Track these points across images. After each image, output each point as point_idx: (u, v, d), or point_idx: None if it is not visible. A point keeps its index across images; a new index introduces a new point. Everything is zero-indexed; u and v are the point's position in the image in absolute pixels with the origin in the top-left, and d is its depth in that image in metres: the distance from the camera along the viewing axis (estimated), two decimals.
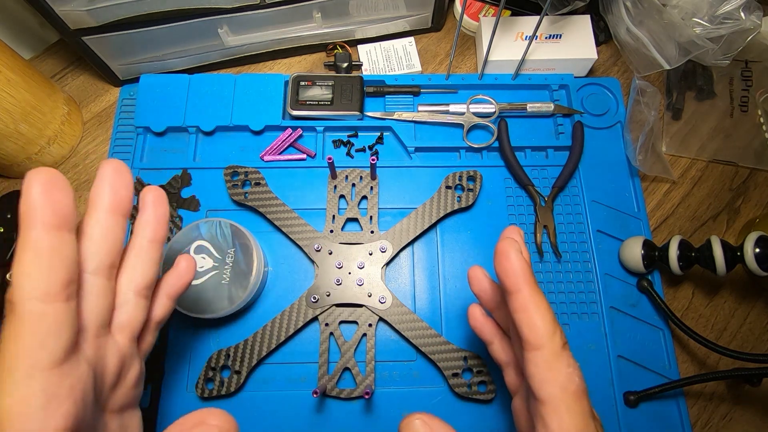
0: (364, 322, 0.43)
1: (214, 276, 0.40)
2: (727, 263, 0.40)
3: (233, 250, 0.41)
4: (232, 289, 0.40)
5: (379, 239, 0.45)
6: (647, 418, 0.42)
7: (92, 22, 0.45)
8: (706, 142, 0.52)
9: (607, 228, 0.47)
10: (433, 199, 0.46)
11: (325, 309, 0.43)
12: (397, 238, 0.45)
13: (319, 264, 0.44)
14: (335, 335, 0.42)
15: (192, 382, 0.42)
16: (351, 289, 0.43)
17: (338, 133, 0.51)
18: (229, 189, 0.46)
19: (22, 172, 0.50)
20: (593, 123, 0.51)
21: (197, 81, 0.51)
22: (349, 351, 0.42)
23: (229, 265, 0.40)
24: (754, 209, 0.50)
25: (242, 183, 0.46)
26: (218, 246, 0.41)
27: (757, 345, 0.46)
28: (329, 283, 0.43)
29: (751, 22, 0.44)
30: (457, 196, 0.46)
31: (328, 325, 0.42)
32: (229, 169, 0.47)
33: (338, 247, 0.45)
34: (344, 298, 0.43)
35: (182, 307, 0.39)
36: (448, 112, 0.51)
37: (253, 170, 0.47)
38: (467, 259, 0.46)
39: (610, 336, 0.44)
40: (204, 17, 0.47)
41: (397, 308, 0.43)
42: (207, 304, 0.39)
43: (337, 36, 0.54)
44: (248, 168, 0.47)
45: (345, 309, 0.43)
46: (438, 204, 0.46)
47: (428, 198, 0.47)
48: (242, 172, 0.47)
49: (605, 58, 0.57)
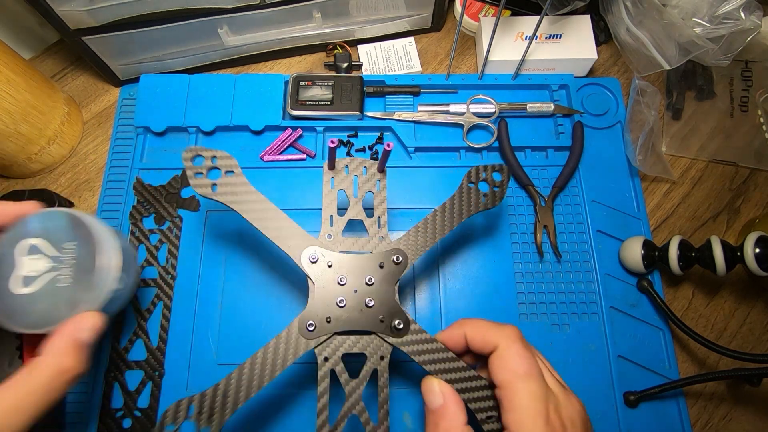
0: (374, 354, 0.34)
1: (51, 279, 0.32)
2: (727, 263, 0.40)
3: (74, 245, 0.32)
4: (74, 292, 0.31)
5: (391, 247, 0.36)
6: (647, 418, 0.42)
7: (92, 22, 0.45)
8: (706, 142, 0.52)
9: (607, 228, 0.47)
10: (454, 199, 0.38)
11: (324, 339, 0.33)
12: (413, 244, 0.36)
13: (315, 280, 0.35)
14: (337, 372, 0.33)
15: (192, 381, 0.42)
16: (357, 312, 0.34)
17: (338, 133, 0.51)
18: (190, 179, 0.36)
19: (22, 172, 0.50)
20: (593, 123, 0.51)
21: (197, 81, 0.51)
22: (356, 392, 0.33)
23: (69, 263, 0.32)
24: (754, 209, 0.50)
25: (208, 171, 0.36)
26: (54, 242, 0.32)
27: (757, 345, 0.46)
28: (329, 305, 0.34)
29: (751, 22, 0.44)
30: (482, 194, 0.38)
31: (328, 360, 0.33)
32: (190, 152, 0.36)
33: (340, 258, 0.35)
34: (349, 325, 0.34)
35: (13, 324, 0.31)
36: (448, 112, 0.51)
37: (224, 154, 0.36)
38: (467, 259, 0.46)
39: (610, 336, 0.44)
40: (204, 17, 0.47)
41: (417, 336, 0.33)
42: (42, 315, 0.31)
43: (337, 36, 0.54)
44: (217, 151, 0.36)
45: (349, 337, 0.34)
46: (461, 204, 0.38)
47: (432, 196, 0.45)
48: (209, 157, 0.36)
49: (605, 58, 0.57)
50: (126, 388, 0.41)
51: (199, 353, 0.43)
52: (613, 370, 0.43)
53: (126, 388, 0.41)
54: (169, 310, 0.44)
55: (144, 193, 0.48)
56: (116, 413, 0.41)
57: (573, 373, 0.42)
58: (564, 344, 0.44)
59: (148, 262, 0.45)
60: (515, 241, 0.47)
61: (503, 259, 0.46)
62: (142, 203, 0.48)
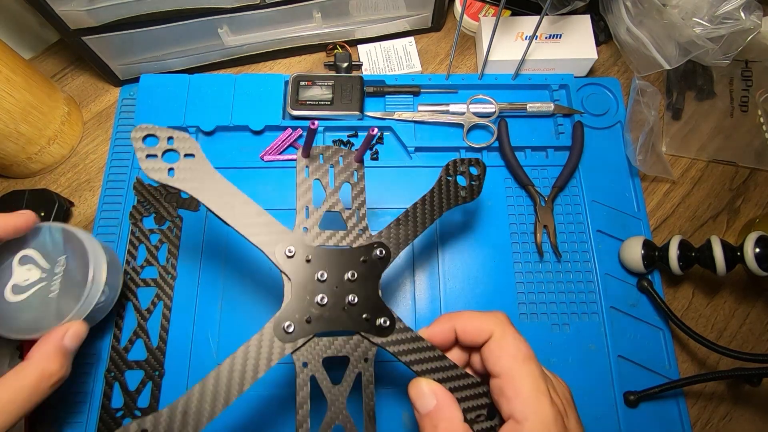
0: (358, 356, 0.31)
1: (41, 289, 0.34)
2: (727, 263, 0.40)
3: (64, 258, 0.35)
4: (61, 303, 0.34)
5: (373, 240, 0.34)
6: (647, 418, 0.42)
7: (92, 22, 0.45)
8: (706, 142, 0.52)
9: (607, 228, 0.47)
10: (433, 192, 0.37)
11: (302, 343, 0.30)
12: (394, 237, 0.34)
13: (292, 276, 0.31)
14: (318, 379, 0.30)
15: (192, 381, 0.42)
16: (339, 310, 0.31)
17: (338, 133, 0.51)
18: (141, 161, 0.31)
19: (22, 172, 0.50)
20: (593, 123, 0.51)
21: (197, 81, 0.51)
22: (339, 399, 0.30)
23: (58, 275, 0.35)
24: (754, 209, 0.50)
25: (163, 153, 0.32)
26: (47, 254, 0.35)
27: (757, 345, 0.46)
28: (309, 303, 0.31)
29: (751, 22, 0.44)
30: (460, 188, 0.37)
31: (308, 365, 0.30)
32: (141, 131, 0.32)
33: (318, 252, 0.32)
34: (332, 324, 0.31)
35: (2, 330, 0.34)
36: (448, 112, 0.51)
37: (182, 135, 0.32)
38: (467, 258, 0.46)
39: (610, 336, 0.44)
40: (204, 17, 0.47)
41: (403, 334, 0.31)
42: (30, 322, 0.34)
43: (337, 36, 0.54)
44: (174, 131, 0.32)
45: (329, 339, 0.31)
46: (440, 196, 0.37)
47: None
48: (164, 137, 0.32)
49: (605, 58, 0.57)
50: (126, 388, 0.41)
51: (199, 353, 0.43)
52: (613, 370, 0.43)
53: (126, 388, 0.41)
54: (169, 310, 0.44)
55: (144, 193, 0.48)
56: (116, 413, 0.41)
57: (573, 373, 0.42)
58: (564, 344, 0.44)
59: (148, 262, 0.45)
60: (515, 241, 0.47)
61: (503, 259, 0.46)
62: (142, 203, 0.48)
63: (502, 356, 0.28)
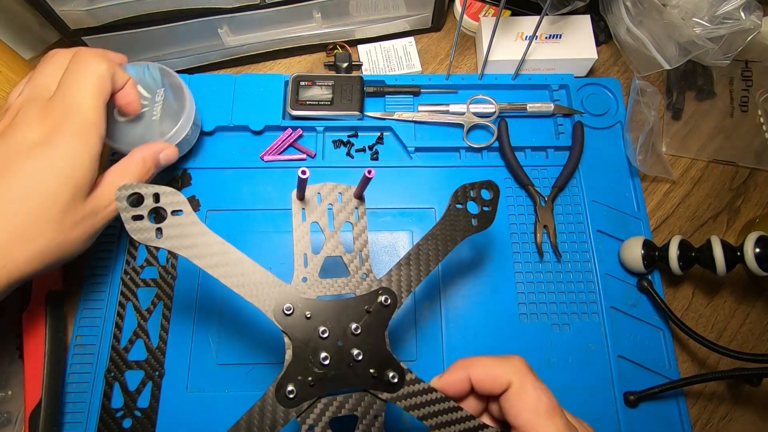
0: (366, 414, 0.29)
1: (145, 113, 0.42)
2: (727, 263, 0.40)
3: (162, 90, 0.43)
4: (162, 124, 0.42)
5: (377, 286, 0.31)
6: (647, 418, 0.42)
7: (92, 22, 0.45)
8: (706, 142, 0.52)
9: (607, 228, 0.47)
10: (443, 224, 0.34)
11: (307, 407, 0.28)
12: (401, 280, 0.32)
13: (292, 335, 0.29)
14: None
15: (192, 381, 0.42)
16: (345, 367, 0.29)
17: (338, 133, 0.51)
18: (127, 223, 0.29)
19: None
20: (593, 123, 0.51)
21: (197, 81, 0.51)
22: None
23: (159, 103, 0.43)
24: (754, 209, 0.50)
25: (150, 212, 0.30)
26: (148, 86, 0.43)
27: (757, 345, 0.46)
28: (311, 363, 0.29)
29: (751, 22, 0.44)
30: (471, 216, 0.35)
31: (313, 429, 0.29)
32: (125, 190, 0.29)
33: (318, 306, 0.30)
34: (337, 384, 0.29)
35: (116, 144, 0.42)
36: (448, 112, 0.51)
37: (169, 190, 0.30)
38: (467, 259, 0.46)
39: (610, 336, 0.44)
40: (204, 17, 0.47)
41: (413, 387, 0.29)
42: (139, 138, 0.42)
43: (337, 36, 0.54)
44: (160, 187, 0.30)
45: (336, 398, 0.29)
46: (451, 228, 0.34)
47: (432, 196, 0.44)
48: (149, 194, 0.30)
49: (605, 58, 0.57)
50: (126, 388, 0.41)
51: (199, 353, 0.43)
52: (613, 370, 0.43)
53: (126, 388, 0.41)
54: (169, 310, 0.44)
55: None
56: (116, 413, 0.41)
57: (573, 373, 0.42)
58: (564, 344, 0.44)
59: (148, 262, 0.45)
60: (515, 241, 0.47)
61: (503, 258, 0.46)
62: None
63: (523, 410, 0.26)
